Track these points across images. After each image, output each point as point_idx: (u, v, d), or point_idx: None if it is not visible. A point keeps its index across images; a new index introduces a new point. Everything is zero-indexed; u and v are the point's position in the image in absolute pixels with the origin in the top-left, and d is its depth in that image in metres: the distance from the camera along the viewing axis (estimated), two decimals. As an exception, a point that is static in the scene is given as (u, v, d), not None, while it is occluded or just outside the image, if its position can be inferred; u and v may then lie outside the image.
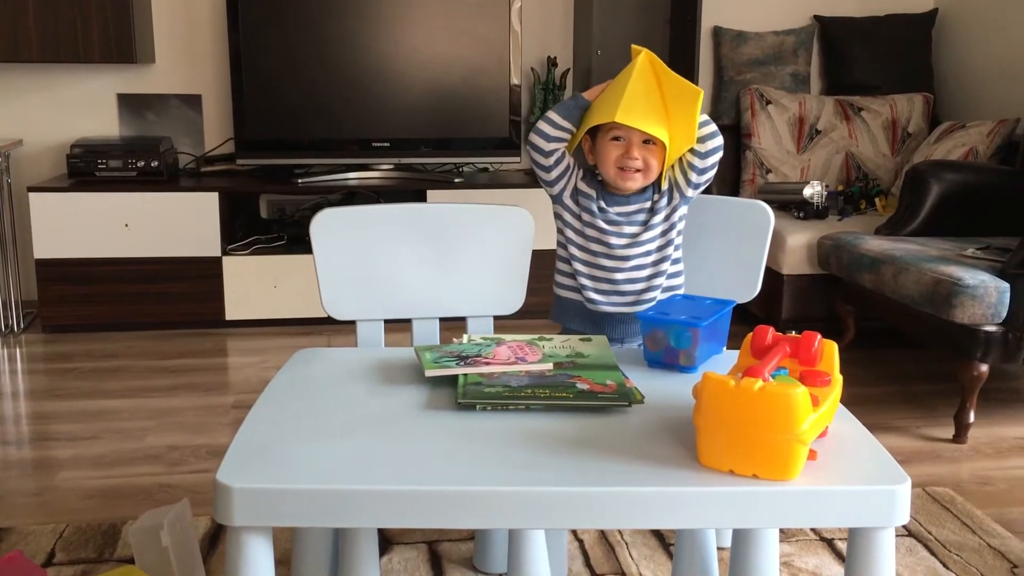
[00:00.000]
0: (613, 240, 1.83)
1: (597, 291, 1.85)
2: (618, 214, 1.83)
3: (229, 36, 3.64)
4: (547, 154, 1.83)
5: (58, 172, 3.82)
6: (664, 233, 1.84)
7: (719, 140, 1.78)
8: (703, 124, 1.77)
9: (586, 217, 1.84)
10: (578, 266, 1.87)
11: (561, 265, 1.90)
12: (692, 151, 1.77)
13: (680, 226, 1.85)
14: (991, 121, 3.50)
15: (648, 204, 1.82)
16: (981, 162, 3.40)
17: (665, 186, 1.81)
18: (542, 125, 1.83)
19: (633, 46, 1.83)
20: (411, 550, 2.00)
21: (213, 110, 3.96)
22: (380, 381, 1.51)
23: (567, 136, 1.83)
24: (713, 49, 4.13)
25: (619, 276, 1.83)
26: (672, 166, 1.80)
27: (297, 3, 3.63)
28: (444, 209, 1.86)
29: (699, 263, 1.91)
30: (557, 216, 1.89)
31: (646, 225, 1.83)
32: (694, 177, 1.79)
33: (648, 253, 1.84)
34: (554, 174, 1.85)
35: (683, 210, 1.84)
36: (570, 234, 1.87)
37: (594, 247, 1.85)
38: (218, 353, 3.42)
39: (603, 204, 1.84)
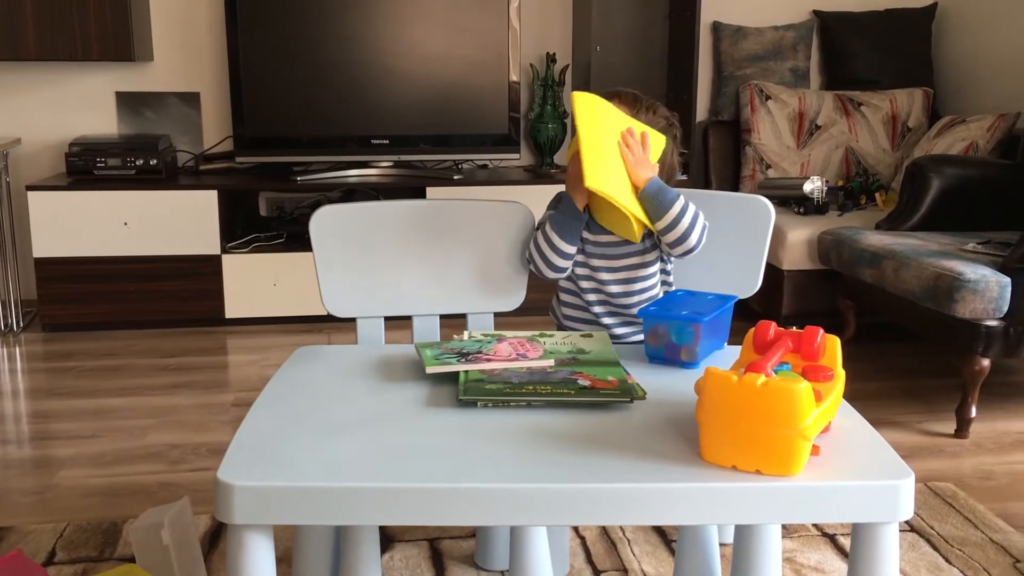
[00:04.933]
0: (604, 276, 1.84)
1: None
2: (595, 244, 1.83)
3: (227, 33, 3.63)
4: (565, 271, 1.83)
5: (57, 171, 3.82)
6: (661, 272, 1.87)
7: (689, 246, 1.73)
8: (677, 224, 1.71)
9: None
10: (569, 298, 1.91)
11: (562, 295, 1.93)
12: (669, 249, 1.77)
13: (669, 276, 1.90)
14: (991, 115, 3.49)
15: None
16: (981, 157, 3.40)
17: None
18: (555, 259, 1.78)
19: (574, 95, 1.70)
20: (412, 548, 1.99)
21: (212, 108, 3.95)
22: (381, 378, 1.51)
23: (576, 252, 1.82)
24: (712, 44, 4.12)
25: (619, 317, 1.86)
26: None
27: (295, 0, 3.62)
28: (444, 206, 1.85)
29: (700, 259, 1.90)
30: None
31: (642, 259, 1.84)
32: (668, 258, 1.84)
33: (648, 289, 1.85)
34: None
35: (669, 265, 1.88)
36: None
37: (583, 284, 1.86)
38: (218, 351, 3.41)
39: (586, 234, 1.84)
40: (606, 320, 1.87)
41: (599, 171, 1.65)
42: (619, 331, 1.86)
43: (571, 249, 1.79)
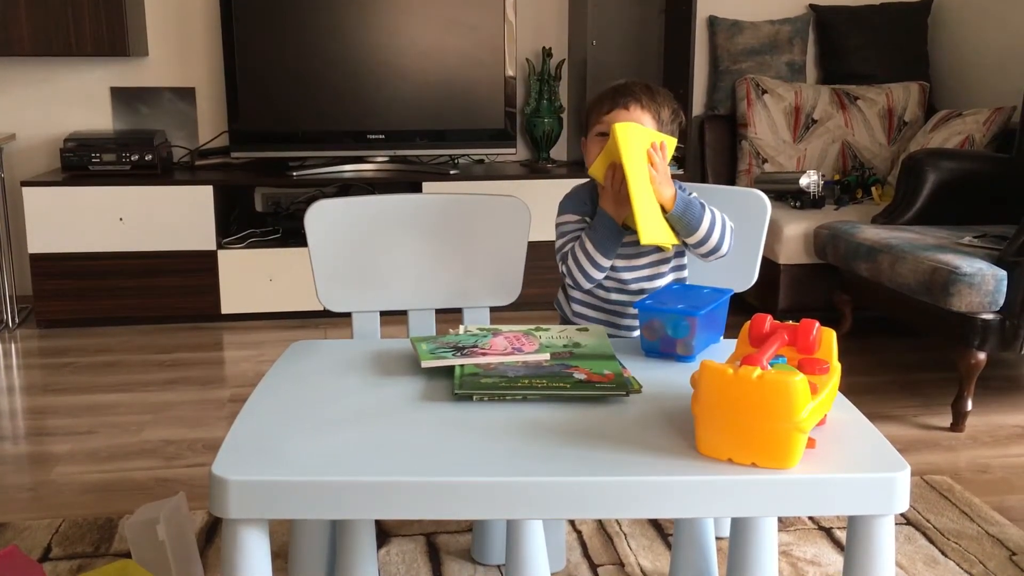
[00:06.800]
0: (625, 275, 1.83)
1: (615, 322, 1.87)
2: (624, 244, 1.82)
3: (222, 28, 3.62)
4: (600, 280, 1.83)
5: (52, 166, 3.81)
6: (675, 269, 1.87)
7: (721, 254, 1.77)
8: (708, 239, 1.75)
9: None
10: (583, 299, 1.89)
11: (571, 292, 1.91)
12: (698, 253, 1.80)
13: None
14: (987, 109, 3.49)
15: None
16: (977, 150, 3.40)
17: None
18: (593, 272, 1.79)
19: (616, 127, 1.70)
20: (409, 542, 1.99)
21: (207, 103, 3.94)
22: (376, 373, 1.51)
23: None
24: (708, 39, 4.12)
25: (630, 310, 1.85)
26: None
27: (290, -5, 3.62)
28: (440, 200, 1.85)
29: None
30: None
31: (662, 255, 1.83)
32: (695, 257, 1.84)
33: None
34: None
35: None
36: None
37: (605, 282, 1.85)
38: (214, 347, 3.41)
39: None
40: (626, 321, 1.86)
41: (649, 220, 1.69)
42: (637, 333, 1.85)
43: (609, 263, 1.80)
